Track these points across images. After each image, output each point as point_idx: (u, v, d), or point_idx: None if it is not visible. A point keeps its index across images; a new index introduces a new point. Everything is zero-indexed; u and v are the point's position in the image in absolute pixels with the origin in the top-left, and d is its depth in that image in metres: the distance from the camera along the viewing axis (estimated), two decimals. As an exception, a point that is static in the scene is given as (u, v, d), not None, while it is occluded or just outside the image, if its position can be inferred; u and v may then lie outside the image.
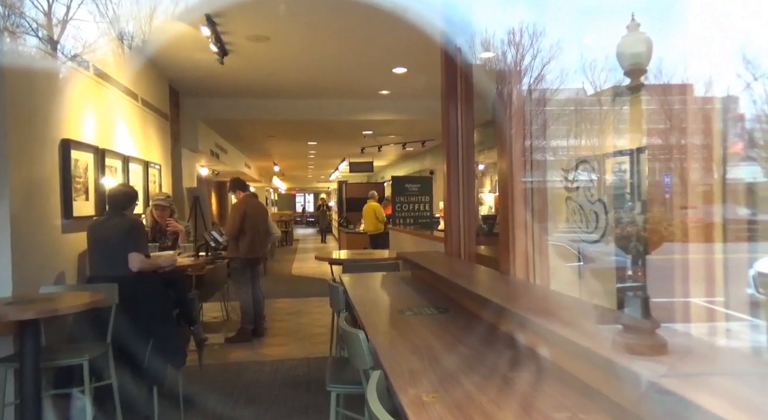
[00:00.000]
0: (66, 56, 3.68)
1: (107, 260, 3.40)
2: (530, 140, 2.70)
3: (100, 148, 4.21)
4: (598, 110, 2.87)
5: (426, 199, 10.36)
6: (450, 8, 3.44)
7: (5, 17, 3.06)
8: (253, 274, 5.64)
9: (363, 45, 5.40)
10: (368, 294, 3.18)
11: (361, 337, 1.91)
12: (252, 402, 3.80)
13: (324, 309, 6.00)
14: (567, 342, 1.51)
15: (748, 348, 2.71)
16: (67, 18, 3.60)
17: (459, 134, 3.57)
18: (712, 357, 1.39)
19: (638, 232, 1.91)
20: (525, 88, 2.80)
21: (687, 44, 2.43)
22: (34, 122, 3.34)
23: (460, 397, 1.35)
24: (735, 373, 1.23)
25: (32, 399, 2.62)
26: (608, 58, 2.51)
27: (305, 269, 11.54)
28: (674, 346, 1.36)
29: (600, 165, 2.32)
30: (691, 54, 2.49)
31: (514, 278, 2.62)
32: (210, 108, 7.78)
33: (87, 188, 3.98)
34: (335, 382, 2.39)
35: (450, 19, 3.45)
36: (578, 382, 1.45)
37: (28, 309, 2.63)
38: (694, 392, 1.05)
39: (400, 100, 7.93)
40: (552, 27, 2.88)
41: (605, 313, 1.80)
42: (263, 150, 13.41)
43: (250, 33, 4.89)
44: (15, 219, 3.03)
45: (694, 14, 2.38)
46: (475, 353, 1.81)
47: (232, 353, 5.04)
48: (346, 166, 16.10)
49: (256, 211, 5.64)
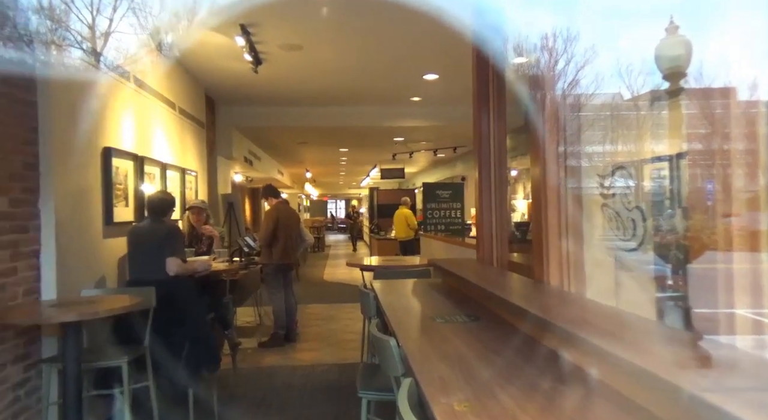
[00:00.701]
0: (108, 67, 3.82)
1: (146, 265, 3.49)
2: (564, 146, 2.65)
3: (140, 155, 4.34)
4: (635, 115, 2.80)
5: (457, 206, 10.28)
6: (482, 14, 3.42)
7: (53, 31, 3.19)
8: (285, 279, 5.70)
9: (394, 52, 5.43)
10: (399, 300, 3.17)
11: (392, 344, 1.91)
12: (284, 407, 3.83)
13: (355, 315, 6.01)
14: (604, 353, 1.47)
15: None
16: (110, 31, 3.74)
17: (491, 140, 3.53)
18: (760, 371, 1.33)
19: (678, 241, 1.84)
20: (559, 93, 2.75)
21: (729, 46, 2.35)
22: (78, 131, 3.47)
23: (494, 409, 1.33)
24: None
25: (74, 399, 2.70)
26: (645, 62, 2.45)
27: (337, 275, 11.60)
28: (718, 359, 1.31)
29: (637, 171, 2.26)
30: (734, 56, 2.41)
31: (549, 286, 2.57)
32: (244, 116, 7.94)
33: (127, 194, 4.11)
34: (366, 388, 2.39)
35: (482, 24, 3.43)
36: (618, 395, 1.41)
37: (71, 311, 2.73)
38: (738, 407, 1.00)
39: (431, 107, 7.92)
40: (586, 31, 2.83)
41: (647, 325, 1.75)
42: (296, 157, 13.59)
43: (283, 42, 4.98)
44: (60, 225, 3.15)
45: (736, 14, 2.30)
46: (508, 364, 1.78)
47: (265, 358, 5.10)
48: (377, 172, 16.16)
49: (288, 217, 5.71)
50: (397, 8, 3.98)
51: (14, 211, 2.88)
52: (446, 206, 10.19)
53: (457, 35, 3.70)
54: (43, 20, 3.10)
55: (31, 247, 3.02)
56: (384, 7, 4.15)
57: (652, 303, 2.06)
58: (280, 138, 10.24)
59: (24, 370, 2.94)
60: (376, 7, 4.21)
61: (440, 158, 13.57)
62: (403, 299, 3.26)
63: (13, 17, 2.90)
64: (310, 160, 15.00)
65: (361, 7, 4.27)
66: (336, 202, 38.95)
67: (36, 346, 3.05)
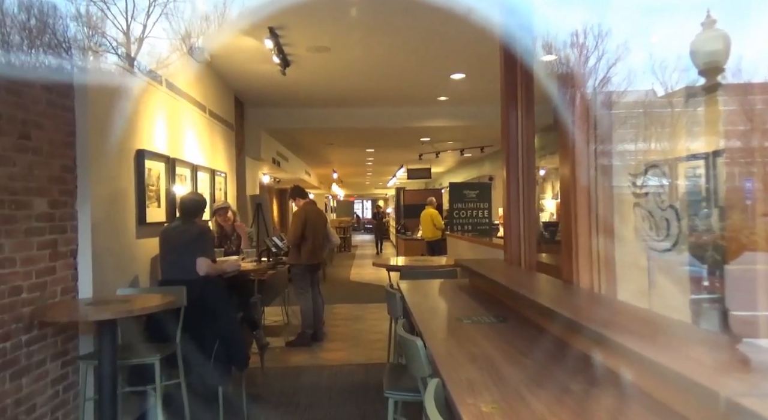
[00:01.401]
0: (142, 72, 3.93)
1: (177, 265, 3.57)
2: (595, 144, 2.60)
3: (171, 157, 4.44)
4: (669, 112, 2.72)
5: (485, 206, 10.20)
6: (511, 11, 3.38)
7: (89, 37, 3.29)
8: (313, 279, 5.75)
9: (421, 52, 5.42)
10: (426, 301, 3.16)
11: (419, 345, 1.90)
12: (311, 406, 3.86)
13: (381, 315, 6.02)
14: (637, 356, 1.43)
15: None
16: (143, 36, 3.83)
17: (519, 139, 3.49)
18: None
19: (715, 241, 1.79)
20: (590, 91, 2.70)
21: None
22: (113, 134, 3.57)
23: (522, 412, 1.31)
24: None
25: (109, 395, 2.78)
26: (680, 58, 2.38)
27: (363, 275, 11.64)
28: (757, 362, 1.26)
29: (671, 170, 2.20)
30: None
31: (578, 288, 2.52)
32: (272, 118, 8.04)
33: (159, 196, 4.21)
34: (393, 388, 2.39)
35: (510, 22, 3.39)
36: (653, 402, 1.37)
37: (106, 309, 2.81)
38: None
39: (458, 106, 7.87)
40: (618, 27, 2.77)
41: (682, 328, 1.70)
42: (323, 157, 13.70)
43: (311, 44, 5.02)
44: (95, 225, 3.24)
45: (777, 7, 2.21)
46: (537, 365, 1.75)
47: (293, 357, 5.15)
48: (404, 172, 16.15)
49: (316, 218, 5.76)
50: (425, 8, 3.96)
51: (53, 212, 2.98)
52: (473, 206, 10.12)
53: (485, 34, 3.67)
54: (80, 27, 3.21)
55: (68, 247, 3.12)
56: (411, 7, 4.14)
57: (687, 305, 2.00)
58: (308, 139, 10.33)
59: (62, 367, 3.04)
60: (403, 7, 4.21)
61: (467, 158, 13.48)
62: (430, 300, 3.24)
63: (52, 25, 3.00)
64: (337, 160, 15.10)
65: (389, 7, 4.27)
66: (362, 203, 39.08)
67: (74, 343, 3.15)
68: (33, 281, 2.81)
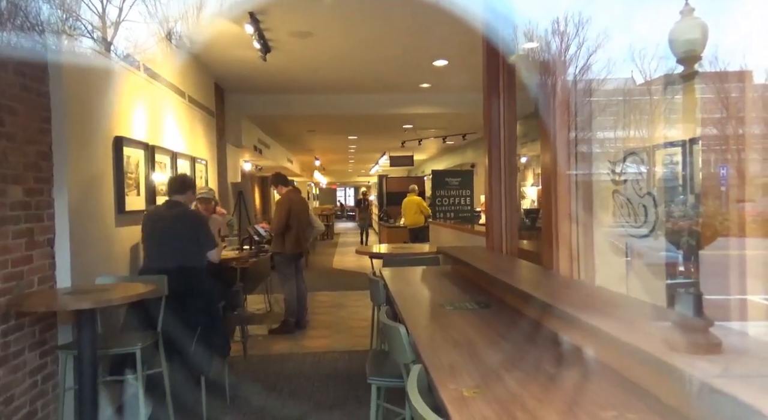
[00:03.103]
0: (119, 57, 3.84)
1: (167, 252, 3.51)
2: (575, 132, 2.63)
3: (150, 144, 4.37)
4: (647, 100, 2.76)
5: (467, 193, 10.27)
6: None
7: (63, 20, 3.20)
8: (297, 267, 5.74)
9: (404, 38, 5.38)
10: (408, 288, 3.18)
11: (402, 331, 1.92)
12: (294, 393, 3.88)
13: (364, 302, 6.05)
14: (614, 340, 1.47)
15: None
16: (120, 20, 3.74)
17: (501, 127, 3.51)
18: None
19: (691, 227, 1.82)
20: (570, 79, 2.72)
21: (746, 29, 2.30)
22: (89, 121, 3.49)
23: (501, 393, 1.34)
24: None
25: (89, 384, 2.76)
26: (659, 46, 2.40)
27: (346, 263, 11.65)
28: (729, 345, 1.30)
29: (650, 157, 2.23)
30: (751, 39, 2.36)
31: (558, 274, 2.56)
32: (253, 104, 7.94)
33: (138, 183, 4.14)
34: (376, 375, 2.41)
35: (492, 9, 3.39)
36: (626, 382, 1.41)
37: (85, 299, 2.77)
38: (749, 394, 1.00)
39: (440, 93, 7.87)
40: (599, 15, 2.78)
41: (655, 311, 1.74)
42: (305, 145, 13.60)
43: (292, 29, 4.96)
44: (73, 214, 3.18)
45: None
46: (517, 350, 1.79)
47: (276, 345, 5.15)
48: (386, 160, 16.12)
49: (300, 206, 5.73)
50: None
51: (29, 201, 2.92)
52: (455, 193, 10.17)
53: (468, 20, 3.66)
54: (54, 10, 3.11)
55: (45, 235, 3.06)
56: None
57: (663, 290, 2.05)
58: (290, 126, 10.24)
59: (40, 357, 3.00)
60: (384, -8, 4.18)
61: (449, 145, 13.50)
62: (412, 287, 3.27)
63: (24, 7, 2.91)
64: (319, 148, 15.00)
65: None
66: (345, 190, 38.99)
67: (52, 333, 3.11)
68: (9, 270, 2.75)
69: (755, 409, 0.95)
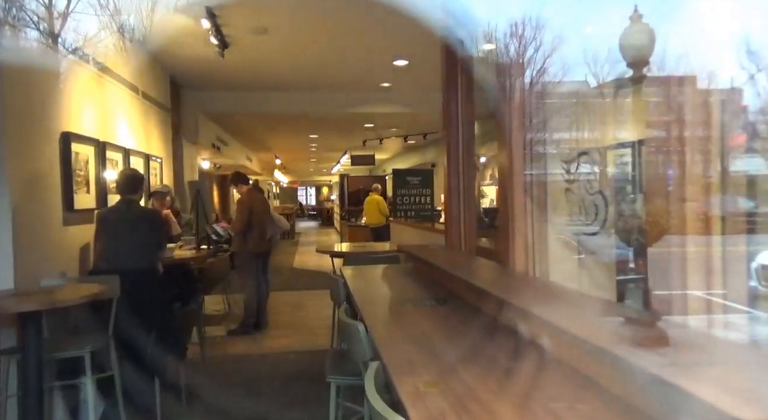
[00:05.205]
0: (67, 50, 3.68)
1: (127, 251, 3.41)
2: (531, 133, 2.69)
3: (101, 141, 4.21)
4: (600, 102, 2.85)
5: (427, 192, 10.36)
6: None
7: (6, 11, 3.05)
8: (263, 266, 5.65)
9: (364, 36, 5.38)
10: (368, 286, 3.18)
11: (361, 329, 1.92)
12: (253, 393, 3.81)
13: (325, 302, 6.01)
14: (565, 333, 1.51)
15: (748, 339, 2.71)
16: (68, 11, 3.59)
17: (459, 127, 3.55)
18: (711, 348, 1.39)
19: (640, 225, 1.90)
20: (527, 81, 2.79)
21: (690, 36, 2.41)
22: (33, 116, 3.33)
23: (457, 387, 1.36)
24: (731, 363, 1.22)
25: (35, 390, 2.63)
26: (611, 51, 2.49)
27: (307, 262, 11.55)
28: (674, 337, 1.36)
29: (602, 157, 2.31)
30: (695, 45, 2.48)
31: (513, 270, 2.62)
32: (211, 101, 7.77)
33: (88, 181, 3.98)
34: (335, 373, 2.40)
35: (451, 10, 3.43)
36: (576, 374, 1.45)
37: (30, 301, 2.65)
38: (688, 381, 1.05)
39: (401, 93, 7.89)
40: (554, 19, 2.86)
41: (605, 305, 1.80)
42: (264, 143, 13.40)
43: (249, 25, 4.87)
44: (16, 212, 3.03)
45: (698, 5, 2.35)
46: (473, 344, 1.81)
47: (235, 345, 5.06)
48: (348, 159, 16.08)
49: (261, 205, 5.65)
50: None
51: (-33, 198, 2.76)
52: (416, 192, 10.25)
53: (428, 20, 3.69)
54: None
55: (-14, 235, 2.90)
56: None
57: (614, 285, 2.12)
58: (248, 124, 10.07)
59: (-19, 362, 2.85)
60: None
61: (411, 145, 13.59)
62: (373, 285, 3.27)
63: (-39, -6, 2.75)
64: (280, 146, 14.81)
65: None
66: (306, 189, 38.64)
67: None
68: (-55, 273, 2.60)
69: (699, 397, 1.00)
